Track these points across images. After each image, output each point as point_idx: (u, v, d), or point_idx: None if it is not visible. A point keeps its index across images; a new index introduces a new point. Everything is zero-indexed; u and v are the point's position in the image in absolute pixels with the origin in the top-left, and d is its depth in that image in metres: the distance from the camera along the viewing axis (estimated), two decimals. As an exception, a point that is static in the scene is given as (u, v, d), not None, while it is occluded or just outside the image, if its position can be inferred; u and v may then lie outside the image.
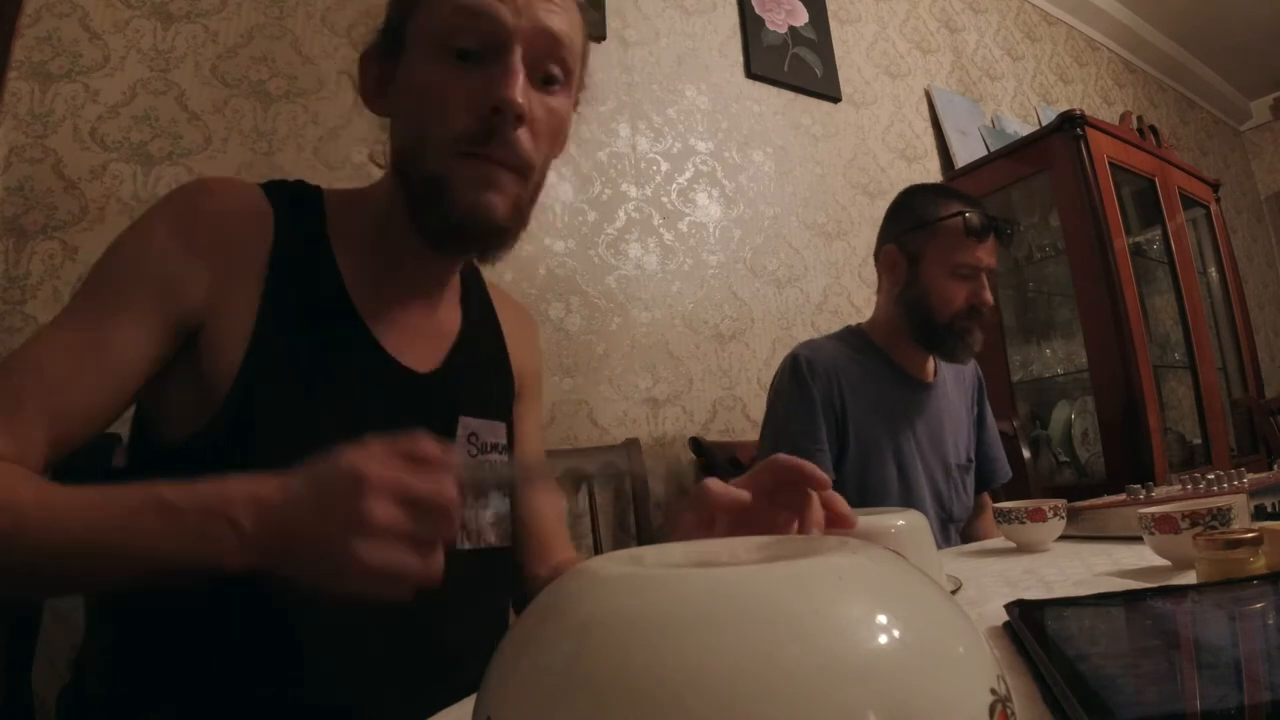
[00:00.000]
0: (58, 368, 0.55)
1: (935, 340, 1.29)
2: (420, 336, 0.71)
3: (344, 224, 0.69)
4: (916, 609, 0.24)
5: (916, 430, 1.30)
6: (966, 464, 1.38)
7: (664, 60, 1.89)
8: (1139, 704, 0.31)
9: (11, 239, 1.11)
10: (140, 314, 0.58)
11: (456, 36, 0.60)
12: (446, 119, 0.60)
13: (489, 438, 0.74)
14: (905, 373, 1.34)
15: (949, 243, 1.26)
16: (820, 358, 1.28)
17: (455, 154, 0.61)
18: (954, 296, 1.25)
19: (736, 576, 0.24)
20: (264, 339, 0.60)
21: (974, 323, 1.26)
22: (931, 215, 1.29)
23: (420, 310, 0.72)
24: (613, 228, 1.71)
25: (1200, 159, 3.84)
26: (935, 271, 1.27)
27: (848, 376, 1.27)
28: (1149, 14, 3.47)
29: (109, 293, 0.58)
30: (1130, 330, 1.98)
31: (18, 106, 1.14)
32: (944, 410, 1.36)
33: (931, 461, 1.31)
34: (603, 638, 0.23)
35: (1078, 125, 2.07)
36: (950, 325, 1.26)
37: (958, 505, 1.33)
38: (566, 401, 1.56)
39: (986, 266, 1.27)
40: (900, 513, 0.70)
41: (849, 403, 1.25)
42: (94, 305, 0.58)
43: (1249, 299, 3.09)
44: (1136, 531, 0.73)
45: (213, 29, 1.32)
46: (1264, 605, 0.47)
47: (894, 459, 1.26)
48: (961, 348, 1.27)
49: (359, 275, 0.67)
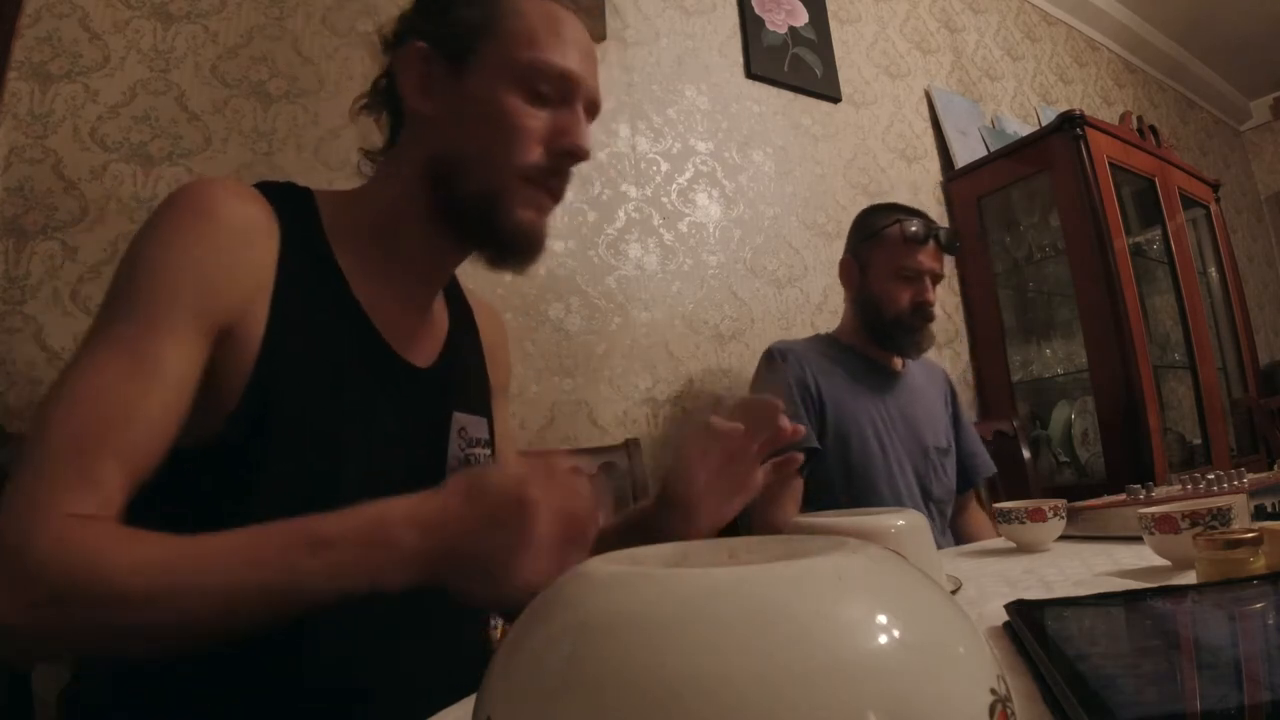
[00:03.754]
0: (116, 399, 0.52)
1: (886, 336, 1.45)
2: (418, 333, 0.73)
3: (339, 223, 0.69)
4: (916, 609, 0.24)
5: (890, 411, 1.43)
6: (946, 447, 1.49)
7: (664, 60, 1.89)
8: (1139, 704, 0.31)
9: (11, 239, 1.10)
10: (183, 326, 0.56)
11: (539, 80, 0.67)
12: (521, 149, 0.67)
13: (476, 433, 0.76)
14: (874, 362, 1.48)
15: (892, 249, 1.44)
16: (791, 349, 1.44)
17: (519, 178, 0.67)
18: (899, 297, 1.42)
19: (736, 576, 0.24)
20: (277, 341, 0.60)
21: (920, 320, 1.42)
22: (877, 226, 1.47)
23: (419, 307, 0.74)
24: (613, 228, 1.71)
25: (1200, 159, 3.84)
26: (881, 275, 1.45)
27: (819, 365, 1.42)
28: (1149, 14, 3.47)
29: (146, 308, 0.56)
30: (1130, 330, 1.98)
31: (18, 106, 1.13)
32: (915, 397, 1.49)
33: (909, 440, 1.42)
34: (602, 638, 0.23)
35: (1078, 125, 2.07)
36: (898, 322, 1.42)
37: (936, 486, 1.43)
38: (566, 401, 1.56)
39: (929, 270, 1.43)
40: (900, 513, 0.70)
41: (823, 386, 1.39)
42: (133, 323, 0.55)
43: (1249, 299, 3.09)
44: (1136, 531, 0.73)
45: (213, 29, 1.32)
46: (1264, 605, 0.47)
47: (873, 435, 1.37)
48: (910, 343, 1.44)
49: (359, 273, 0.68)
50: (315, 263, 0.66)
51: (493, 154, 0.67)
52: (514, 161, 0.67)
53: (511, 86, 0.67)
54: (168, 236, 0.59)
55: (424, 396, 0.71)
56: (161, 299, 0.56)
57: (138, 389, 0.53)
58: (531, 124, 0.67)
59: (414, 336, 0.72)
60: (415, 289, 0.73)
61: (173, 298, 0.56)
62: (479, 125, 0.67)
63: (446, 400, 0.74)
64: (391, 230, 0.70)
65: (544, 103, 0.68)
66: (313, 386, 0.62)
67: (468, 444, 0.75)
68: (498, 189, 0.67)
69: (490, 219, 0.67)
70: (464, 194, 0.67)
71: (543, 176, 0.68)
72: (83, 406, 0.51)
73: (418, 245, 0.71)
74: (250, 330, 0.60)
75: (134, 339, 0.54)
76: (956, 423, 1.56)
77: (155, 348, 0.54)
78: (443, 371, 0.74)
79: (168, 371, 0.54)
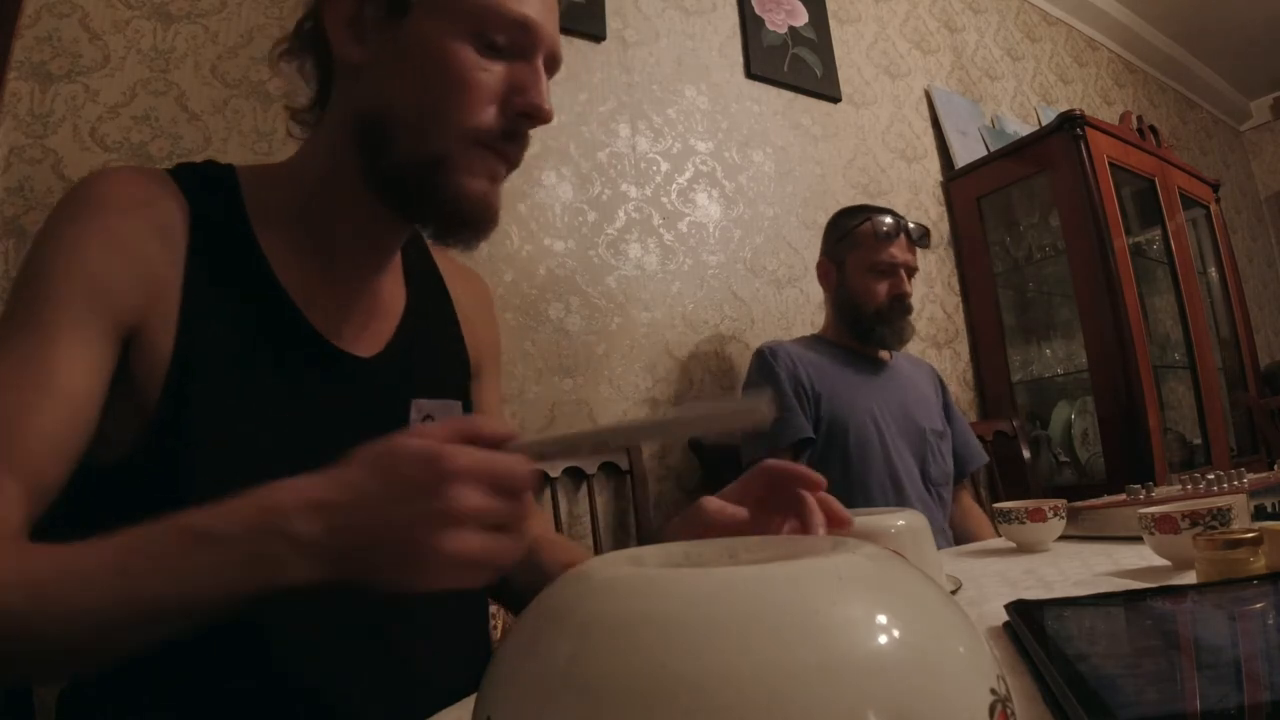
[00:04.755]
0: (8, 408, 0.49)
1: (867, 330, 1.48)
2: (361, 318, 0.66)
3: (265, 202, 0.63)
4: (916, 609, 0.24)
5: (884, 398, 1.46)
6: (941, 430, 1.52)
7: (664, 60, 1.89)
8: (1139, 704, 0.31)
9: (11, 239, 1.11)
10: (78, 334, 0.52)
11: (493, 29, 0.58)
12: (472, 109, 0.58)
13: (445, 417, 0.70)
14: (862, 355, 1.52)
15: (865, 246, 1.49)
16: (781, 348, 1.47)
17: (470, 141, 0.58)
18: (876, 291, 1.46)
19: (736, 576, 0.24)
20: (190, 336, 0.55)
21: (899, 312, 1.46)
22: (849, 225, 1.52)
23: (359, 290, 0.66)
24: (613, 228, 1.71)
25: (1200, 159, 3.84)
26: (856, 272, 1.50)
27: (810, 361, 1.46)
28: (1149, 14, 3.47)
29: (39, 312, 0.52)
30: (1130, 330, 1.98)
31: (18, 106, 1.14)
32: (905, 385, 1.53)
33: (906, 424, 1.45)
34: (603, 638, 0.23)
35: (1078, 125, 2.07)
36: (878, 315, 1.46)
37: (934, 468, 1.46)
38: (566, 401, 1.56)
39: (903, 263, 1.47)
40: (900, 513, 0.70)
41: (815, 378, 1.43)
42: (27, 330, 0.51)
43: (1249, 299, 3.09)
44: (1136, 531, 0.73)
45: (213, 29, 1.32)
46: (1264, 605, 0.47)
47: (870, 423, 1.40)
48: (891, 335, 1.48)
49: (287, 257, 0.62)
50: (233, 249, 0.60)
51: (436, 113, 0.57)
52: (462, 122, 0.57)
53: (460, 34, 0.57)
54: (59, 235, 0.55)
55: (370, 387, 0.64)
56: (53, 305, 0.52)
57: (30, 399, 0.49)
58: (484, 78, 0.58)
59: (355, 322, 0.65)
60: (354, 269, 0.65)
61: (66, 303, 0.52)
62: (420, 78, 0.58)
63: (401, 388, 0.67)
64: (321, 205, 0.63)
65: (498, 54, 0.59)
66: (232, 386, 0.56)
67: None
68: (442, 153, 0.58)
69: (433, 188, 0.58)
70: (401, 159, 0.58)
71: (496, 140, 0.59)
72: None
73: (352, 220, 0.63)
74: (159, 330, 0.55)
75: (26, 349, 0.51)
76: (948, 412, 1.59)
77: (49, 358, 0.50)
78: (395, 357, 0.67)
79: (62, 384, 0.50)
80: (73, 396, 0.51)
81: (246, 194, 0.63)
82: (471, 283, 0.82)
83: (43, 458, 0.49)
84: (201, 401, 0.55)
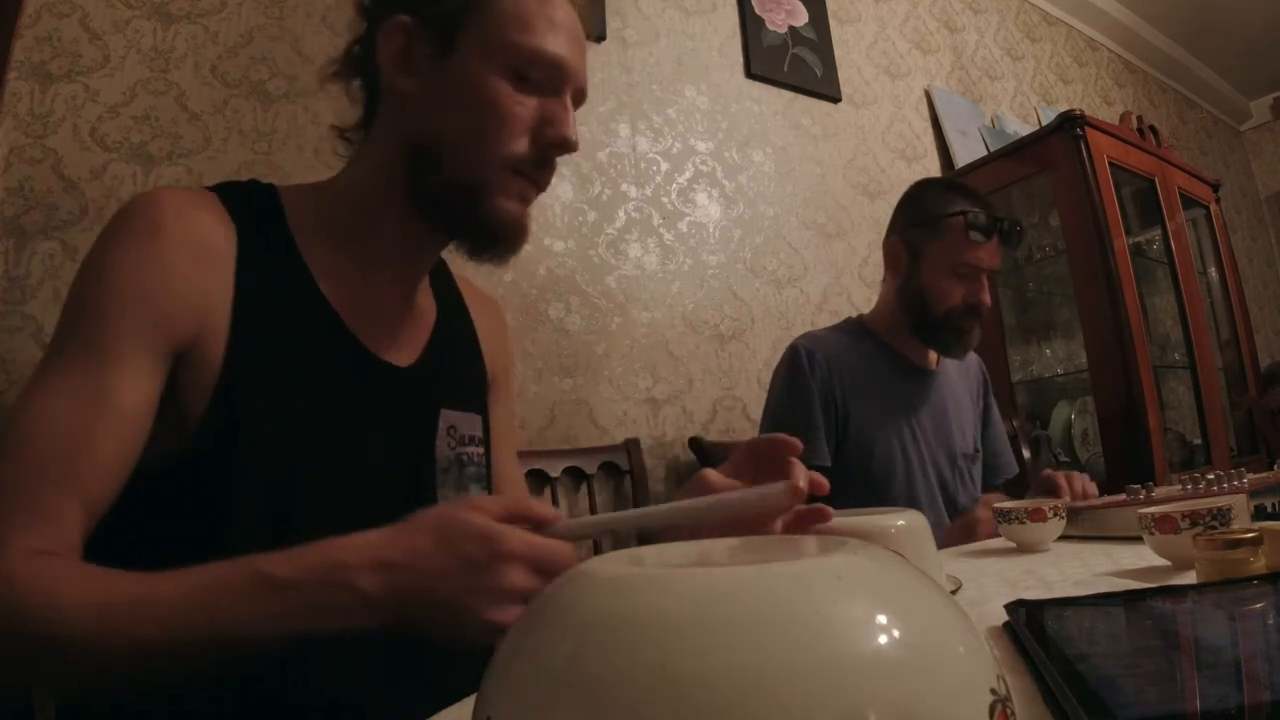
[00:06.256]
0: (69, 428, 0.51)
1: (930, 334, 1.29)
2: (397, 329, 0.70)
3: (307, 220, 0.67)
4: (916, 609, 0.24)
5: (920, 418, 1.30)
6: (974, 453, 1.37)
7: (664, 60, 1.89)
8: (1139, 704, 0.31)
9: (11, 239, 1.11)
10: (134, 355, 0.55)
11: (529, 66, 0.64)
12: (509, 139, 0.64)
13: (467, 430, 0.74)
14: (907, 361, 1.33)
15: (951, 241, 1.25)
16: (819, 349, 1.28)
17: (506, 168, 0.65)
18: (951, 295, 1.25)
19: (736, 576, 0.24)
20: (241, 350, 0.59)
21: (971, 321, 1.26)
22: (936, 212, 1.28)
23: (396, 303, 0.71)
24: (613, 228, 1.71)
25: (1200, 159, 3.84)
26: (935, 268, 1.27)
27: (848, 367, 1.28)
28: (1149, 14, 3.47)
29: (97, 336, 0.54)
30: (1130, 330, 1.98)
31: (18, 106, 1.14)
32: (948, 398, 1.36)
33: (936, 449, 1.31)
34: (602, 638, 0.23)
35: (1078, 125, 2.07)
36: (946, 321, 1.26)
37: (963, 494, 1.33)
38: (566, 401, 1.56)
39: (988, 268, 1.26)
40: (900, 513, 0.70)
41: (848, 393, 1.26)
42: (87, 352, 0.54)
43: (1249, 299, 3.09)
44: (1136, 531, 0.73)
45: (213, 29, 1.32)
46: (1264, 605, 0.47)
47: (898, 446, 1.26)
48: (956, 344, 1.28)
49: (329, 270, 0.66)
50: (279, 265, 0.64)
51: (477, 141, 0.64)
52: (500, 150, 0.64)
53: (499, 70, 0.64)
54: (115, 258, 0.57)
55: (406, 395, 0.69)
56: (111, 328, 0.54)
57: (91, 419, 0.52)
58: (519, 111, 0.64)
59: (393, 333, 0.70)
60: (392, 283, 0.70)
61: (122, 326, 0.55)
62: (463, 109, 0.64)
63: (432, 398, 0.71)
64: (364, 221, 0.67)
65: (532, 89, 0.65)
66: (281, 393, 0.59)
67: (458, 442, 0.73)
68: (481, 178, 0.64)
69: (472, 209, 0.65)
70: (444, 181, 0.65)
71: (528, 167, 0.66)
72: (35, 440, 0.51)
73: (393, 236, 0.68)
74: (210, 347, 0.58)
75: (85, 369, 0.53)
76: (986, 417, 1.46)
77: (106, 378, 0.53)
78: (427, 368, 0.72)
79: (120, 403, 0.53)
80: (128, 418, 0.54)
81: (289, 211, 0.67)
82: (488, 304, 0.88)
83: (100, 479, 0.52)
84: (251, 409, 0.58)
